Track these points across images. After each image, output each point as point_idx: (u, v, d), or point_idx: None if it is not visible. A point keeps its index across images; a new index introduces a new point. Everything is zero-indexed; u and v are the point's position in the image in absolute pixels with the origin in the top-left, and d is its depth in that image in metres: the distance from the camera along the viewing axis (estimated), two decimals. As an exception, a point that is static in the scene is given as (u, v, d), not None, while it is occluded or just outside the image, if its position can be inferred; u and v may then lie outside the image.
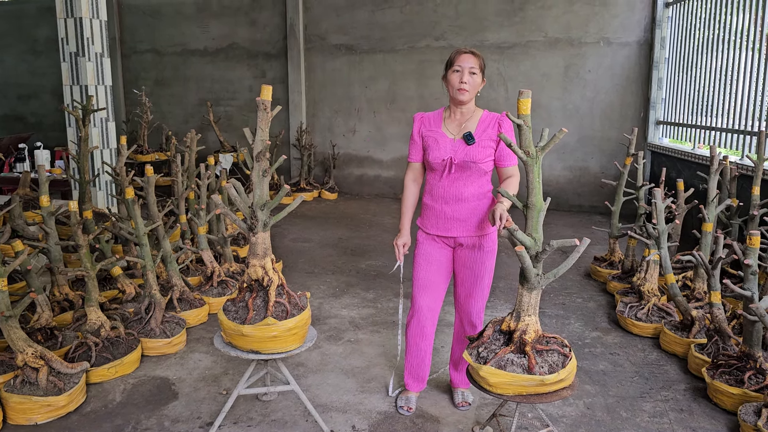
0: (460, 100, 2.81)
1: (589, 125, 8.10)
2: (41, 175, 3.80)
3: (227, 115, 10.14)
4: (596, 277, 5.25)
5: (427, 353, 3.10)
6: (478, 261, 2.92)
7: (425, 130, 2.94)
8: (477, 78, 2.80)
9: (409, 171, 3.05)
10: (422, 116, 2.98)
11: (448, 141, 2.85)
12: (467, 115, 2.88)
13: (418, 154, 2.99)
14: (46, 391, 2.96)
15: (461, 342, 3.11)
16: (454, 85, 2.80)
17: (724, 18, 6.24)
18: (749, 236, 2.95)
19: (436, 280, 2.99)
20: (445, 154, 2.83)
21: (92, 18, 6.18)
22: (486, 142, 2.82)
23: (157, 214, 4.18)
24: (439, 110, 2.98)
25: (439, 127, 2.90)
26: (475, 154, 2.80)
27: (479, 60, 2.80)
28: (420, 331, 3.04)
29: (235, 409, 3.06)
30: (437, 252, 2.96)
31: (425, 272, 2.97)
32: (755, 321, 2.99)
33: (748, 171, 5.09)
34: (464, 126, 2.86)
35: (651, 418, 3.03)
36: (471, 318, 3.02)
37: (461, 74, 2.78)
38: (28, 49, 11.13)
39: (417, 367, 3.10)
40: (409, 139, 3.02)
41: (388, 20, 8.92)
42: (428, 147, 2.89)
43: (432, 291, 2.99)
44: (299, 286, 5.01)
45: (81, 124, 5.17)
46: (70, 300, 4.07)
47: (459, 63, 2.78)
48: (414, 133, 2.98)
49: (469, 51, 2.80)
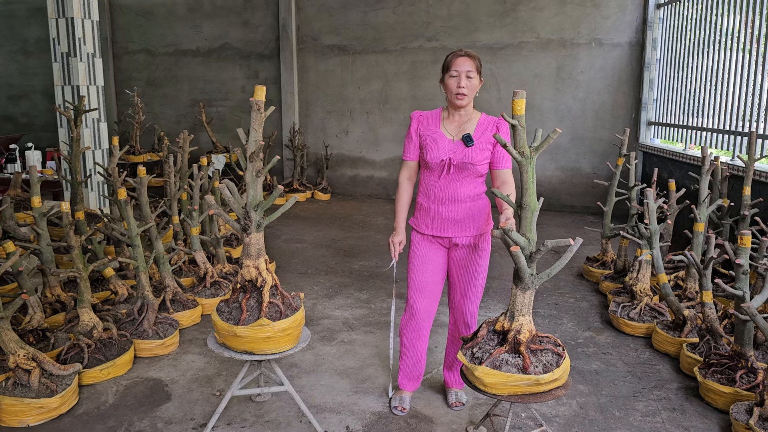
0: (459, 104, 2.82)
1: (581, 126, 8.13)
2: (33, 175, 3.78)
3: (219, 116, 10.11)
4: (589, 277, 5.27)
5: (423, 354, 3.11)
6: (473, 261, 2.93)
7: (423, 129, 2.92)
8: (474, 81, 2.80)
9: (404, 169, 3.04)
10: (420, 115, 2.97)
11: (447, 141, 2.85)
12: (466, 117, 2.88)
13: (414, 153, 2.98)
14: (38, 392, 2.94)
15: (455, 342, 3.11)
16: (452, 90, 2.80)
17: (715, 19, 6.29)
18: (740, 236, 2.97)
19: (432, 282, 2.99)
20: (444, 154, 2.83)
21: (84, 18, 6.15)
22: (484, 144, 2.83)
23: (150, 215, 4.16)
24: (437, 110, 2.97)
25: (438, 127, 2.90)
26: (473, 156, 2.80)
27: (475, 62, 2.80)
28: (416, 333, 3.04)
29: (229, 410, 3.05)
30: (432, 253, 2.96)
31: (421, 274, 2.97)
32: (746, 320, 3.01)
33: (739, 171, 5.12)
34: (463, 128, 2.86)
35: (644, 417, 3.04)
36: (465, 318, 3.02)
37: (458, 79, 2.77)
38: (19, 49, 11.06)
39: (413, 367, 3.11)
40: (406, 137, 3.00)
41: (381, 21, 8.93)
42: (426, 146, 2.89)
43: (428, 293, 2.99)
44: (292, 286, 5.00)
45: (73, 124, 5.14)
46: (62, 301, 4.05)
47: (456, 67, 2.78)
48: (411, 131, 2.96)
49: (465, 53, 2.80)
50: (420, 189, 2.98)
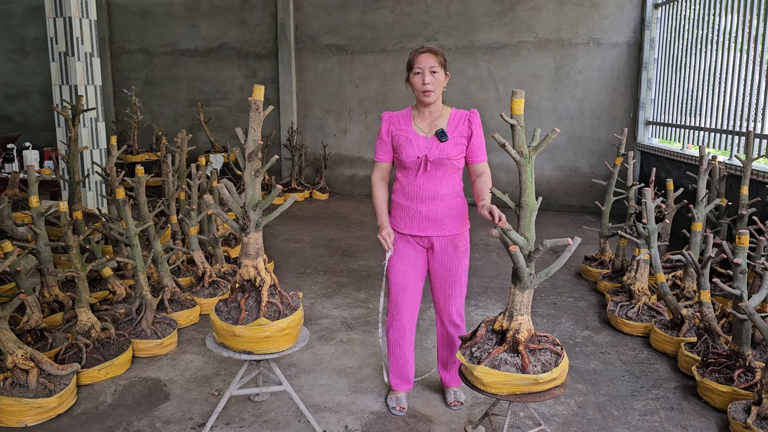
0: (426, 101, 2.82)
1: (579, 125, 8.14)
2: (31, 175, 3.77)
3: (218, 116, 10.10)
4: (587, 276, 5.27)
5: (411, 353, 3.11)
6: (454, 260, 2.93)
7: (395, 129, 2.91)
8: (439, 76, 2.80)
9: (377, 170, 3.01)
10: (390, 115, 2.96)
11: (421, 139, 2.85)
12: (436, 113, 2.89)
13: (386, 154, 2.96)
14: (36, 392, 2.94)
15: (446, 343, 3.10)
16: (418, 88, 2.81)
17: (713, 19, 6.30)
18: (738, 235, 2.98)
19: (414, 281, 2.99)
20: (420, 151, 2.83)
21: (82, 17, 6.14)
22: (458, 138, 2.84)
23: (148, 214, 4.16)
24: (406, 109, 2.97)
25: (410, 126, 2.89)
26: (449, 151, 2.81)
27: (439, 57, 2.80)
28: (401, 333, 3.05)
29: (227, 410, 3.05)
30: (411, 252, 2.95)
31: (402, 275, 2.97)
32: (744, 319, 3.02)
33: (736, 171, 5.13)
34: (435, 124, 2.87)
35: (642, 416, 3.05)
36: (452, 318, 3.02)
37: (423, 76, 2.78)
38: (16, 48, 11.03)
39: (402, 367, 3.11)
40: (377, 139, 2.98)
41: (379, 20, 8.93)
42: (400, 146, 2.87)
43: (410, 293, 3.00)
44: (291, 286, 5.00)
45: (71, 124, 5.13)
46: (60, 301, 4.04)
47: (419, 65, 2.78)
48: (383, 132, 2.95)
49: (427, 50, 2.80)
50: (396, 189, 2.97)
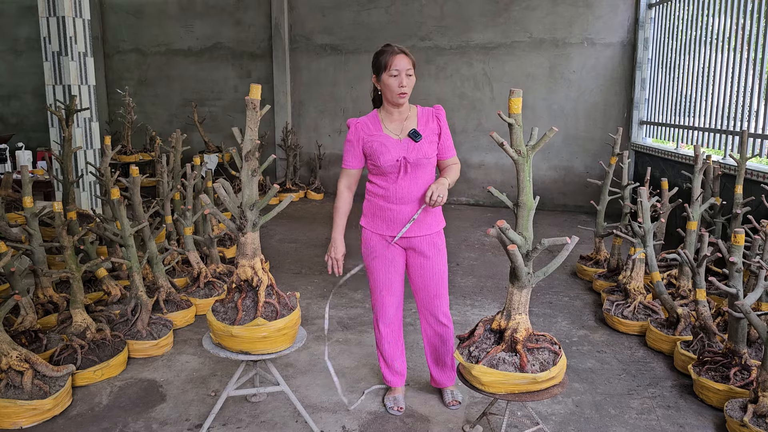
0: (400, 103, 2.82)
1: (573, 125, 8.16)
2: (24, 175, 3.75)
3: (212, 116, 10.07)
4: (582, 275, 5.28)
5: (401, 346, 3.12)
6: (434, 260, 2.93)
7: (365, 135, 2.86)
8: (413, 78, 2.82)
9: (344, 177, 2.96)
10: (357, 122, 2.90)
11: (395, 142, 2.83)
12: (405, 113, 2.89)
13: (356, 161, 2.91)
14: (31, 394, 2.92)
15: (436, 343, 3.08)
16: (394, 90, 2.78)
17: (706, 20, 6.32)
18: (734, 234, 2.99)
19: (397, 280, 2.99)
20: (398, 154, 2.80)
21: (75, 17, 6.10)
22: (431, 136, 2.85)
23: (143, 215, 4.14)
24: (371, 113, 2.93)
25: (380, 131, 2.86)
26: (426, 150, 2.82)
27: (411, 59, 2.81)
28: (391, 329, 3.06)
29: (224, 411, 3.04)
30: (390, 252, 2.93)
31: (385, 273, 2.95)
32: (740, 318, 3.03)
33: (731, 170, 5.16)
34: (405, 125, 2.87)
35: (639, 414, 3.06)
36: (439, 318, 3.01)
37: (400, 78, 2.77)
38: (9, 48, 10.96)
39: (395, 361, 3.11)
40: (346, 145, 2.92)
41: (374, 20, 8.92)
42: (375, 152, 2.82)
43: (395, 291, 3.00)
44: (287, 286, 4.98)
45: (64, 124, 5.10)
46: (55, 302, 4.01)
47: (396, 66, 2.76)
48: (353, 139, 2.89)
49: (401, 51, 2.79)
50: (374, 192, 2.91)
